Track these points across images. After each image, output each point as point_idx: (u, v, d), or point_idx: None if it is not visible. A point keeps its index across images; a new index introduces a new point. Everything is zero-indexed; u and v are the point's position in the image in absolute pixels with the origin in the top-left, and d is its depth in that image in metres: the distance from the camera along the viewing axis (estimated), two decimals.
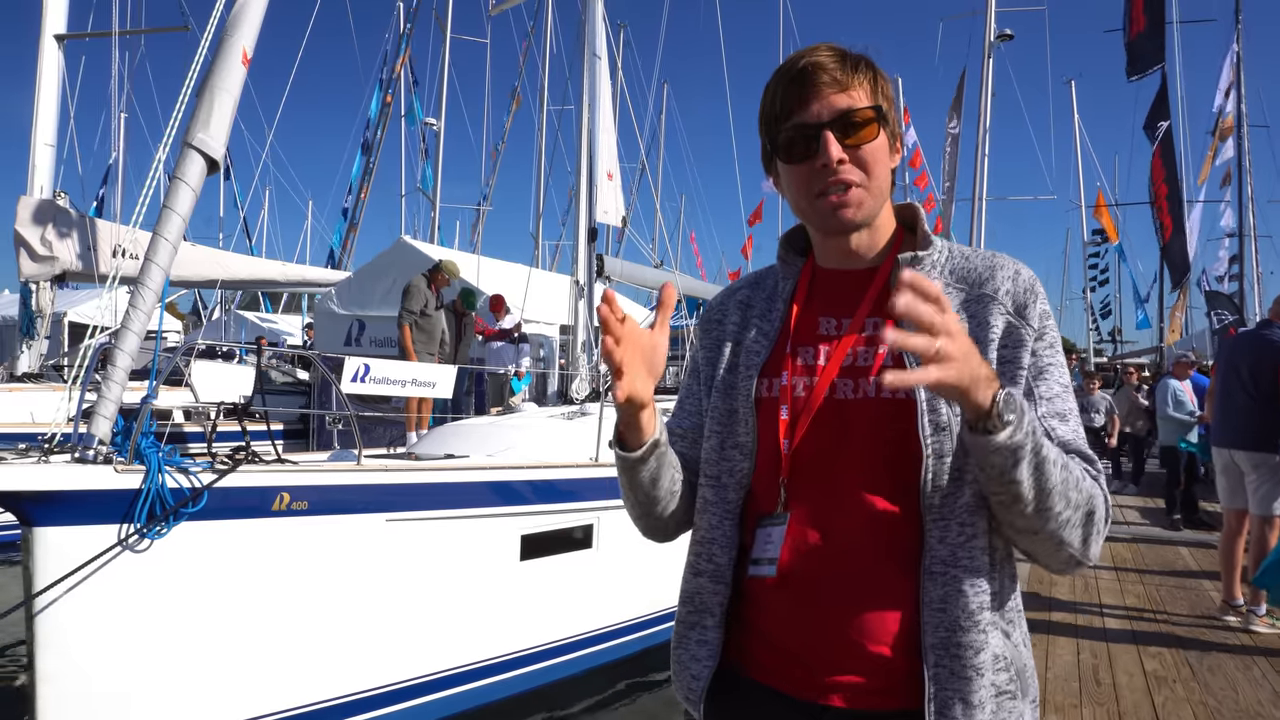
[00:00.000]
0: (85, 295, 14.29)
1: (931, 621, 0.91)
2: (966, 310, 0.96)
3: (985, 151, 13.65)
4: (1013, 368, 0.94)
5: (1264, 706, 3.34)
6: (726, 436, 1.03)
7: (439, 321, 6.75)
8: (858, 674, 0.93)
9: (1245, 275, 16.40)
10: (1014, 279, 0.97)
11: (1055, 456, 0.85)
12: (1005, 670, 0.92)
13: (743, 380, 1.04)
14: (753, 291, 1.11)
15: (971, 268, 0.99)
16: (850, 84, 0.95)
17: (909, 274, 0.73)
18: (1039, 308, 0.96)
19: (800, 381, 0.99)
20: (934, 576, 0.91)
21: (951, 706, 0.89)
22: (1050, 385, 0.94)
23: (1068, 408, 0.95)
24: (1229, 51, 16.29)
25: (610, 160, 7.45)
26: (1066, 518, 0.88)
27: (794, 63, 0.97)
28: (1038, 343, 0.95)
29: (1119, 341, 27.75)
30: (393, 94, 16.33)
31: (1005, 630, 0.94)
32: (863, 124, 0.95)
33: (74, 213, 8.26)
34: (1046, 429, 0.92)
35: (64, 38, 8.52)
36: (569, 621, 4.46)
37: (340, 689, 3.57)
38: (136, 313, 3.16)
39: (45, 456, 2.87)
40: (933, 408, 0.92)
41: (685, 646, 1.04)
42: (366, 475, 3.61)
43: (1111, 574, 5.77)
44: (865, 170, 0.96)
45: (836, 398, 0.96)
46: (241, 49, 3.59)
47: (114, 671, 2.99)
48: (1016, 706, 0.93)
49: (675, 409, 1.16)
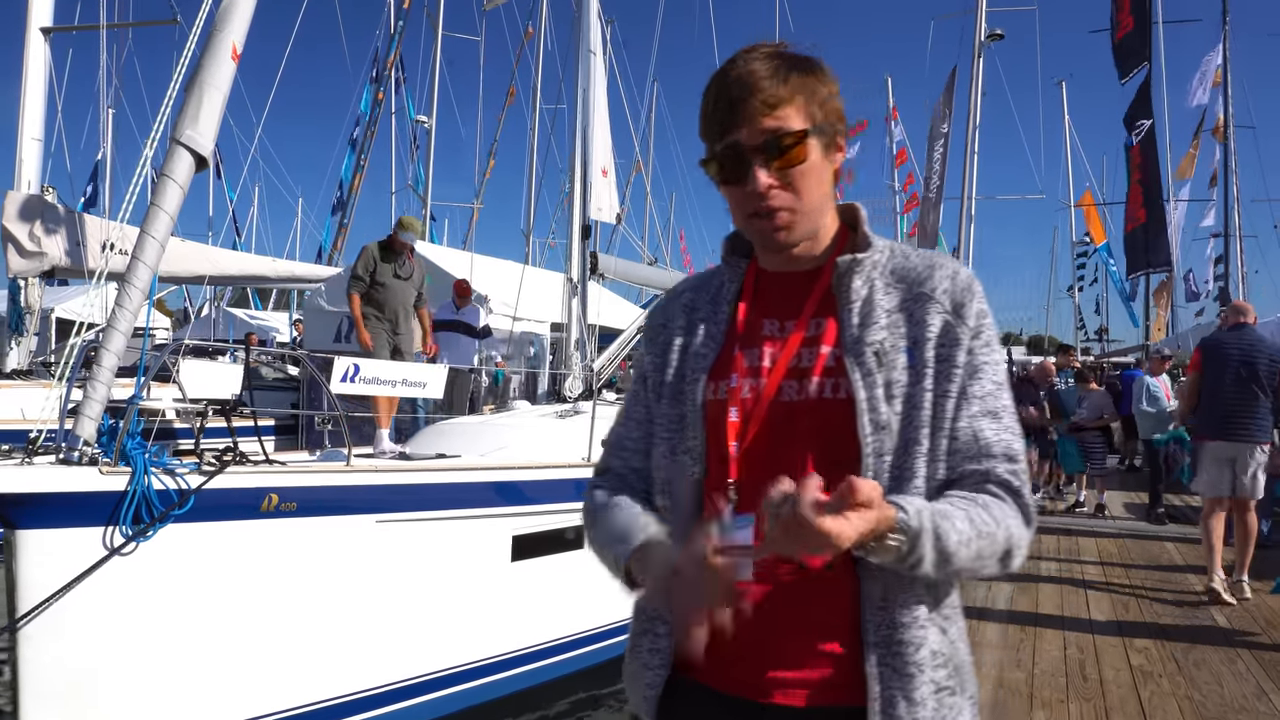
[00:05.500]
0: (73, 291, 14.16)
1: (873, 620, 0.93)
2: (905, 309, 0.98)
3: (974, 150, 13.72)
4: (948, 366, 0.95)
5: (1248, 700, 3.39)
6: (677, 442, 1.03)
7: (397, 294, 5.54)
8: (799, 671, 0.95)
9: (1230, 275, 16.58)
10: (952, 278, 0.99)
11: (963, 537, 0.87)
12: (944, 666, 0.94)
13: (689, 384, 1.03)
14: (696, 294, 1.11)
15: (911, 267, 1.00)
16: (780, 102, 0.94)
17: (805, 516, 0.75)
18: (976, 306, 0.98)
19: (747, 383, 1.00)
20: (872, 575, 0.93)
21: (896, 704, 0.91)
22: (984, 384, 0.96)
23: (1000, 405, 0.97)
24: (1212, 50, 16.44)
25: (605, 157, 7.45)
26: (979, 569, 0.92)
27: (728, 73, 0.96)
28: (974, 341, 0.97)
29: (1106, 340, 27.98)
30: (384, 91, 16.24)
31: (942, 627, 0.96)
32: (791, 147, 0.94)
33: (62, 208, 8.19)
34: (975, 429, 0.94)
35: (50, 31, 8.43)
36: (560, 623, 4.46)
37: (330, 691, 3.56)
38: (123, 311, 3.13)
39: (29, 457, 2.84)
40: (873, 408, 0.93)
41: (638, 655, 1.05)
42: (356, 476, 3.59)
43: (1098, 569, 5.83)
44: (796, 193, 0.96)
45: (783, 399, 0.97)
46: (231, 44, 3.56)
47: (99, 675, 2.97)
48: (956, 702, 0.95)
49: (623, 418, 1.14)
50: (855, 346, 0.96)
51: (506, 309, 8.64)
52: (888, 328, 0.96)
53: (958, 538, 0.87)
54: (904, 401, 0.94)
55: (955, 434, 0.95)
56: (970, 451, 0.95)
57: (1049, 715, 3.23)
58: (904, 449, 0.93)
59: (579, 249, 7.07)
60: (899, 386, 0.94)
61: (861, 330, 0.96)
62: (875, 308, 0.97)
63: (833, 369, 0.96)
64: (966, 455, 0.95)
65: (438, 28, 16.24)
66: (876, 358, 0.95)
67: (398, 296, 5.55)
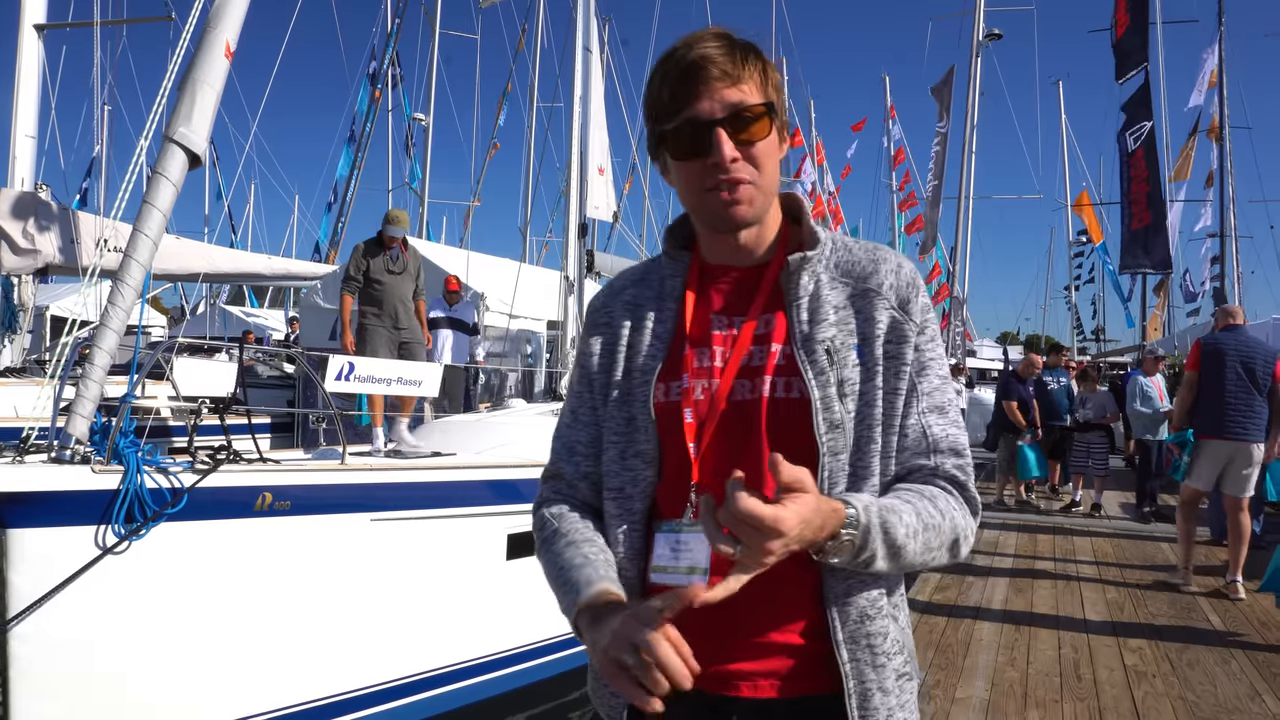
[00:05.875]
0: (67, 289, 14.11)
1: (840, 615, 0.93)
2: (853, 305, 0.97)
3: (972, 149, 13.74)
4: (897, 364, 0.96)
5: (1242, 701, 3.39)
6: (627, 446, 1.01)
7: (393, 289, 5.45)
8: (764, 663, 0.95)
9: (1226, 275, 16.62)
10: (897, 273, 0.99)
11: (910, 529, 0.88)
12: (900, 653, 0.97)
13: (639, 386, 1.01)
14: (639, 290, 1.07)
15: (855, 260, 1.00)
16: (741, 77, 0.93)
17: (739, 507, 0.74)
18: (920, 301, 0.98)
19: (699, 384, 0.98)
20: (835, 572, 0.93)
21: (871, 696, 0.93)
22: (931, 380, 0.97)
23: (946, 400, 0.98)
24: (1208, 51, 16.46)
25: (601, 155, 7.43)
26: (928, 560, 0.93)
27: (682, 53, 0.93)
28: (920, 337, 0.97)
29: (1103, 340, 28.06)
30: (381, 89, 16.21)
31: (894, 615, 0.98)
32: (754, 119, 0.93)
33: (55, 205, 8.15)
34: (924, 425, 0.96)
35: (44, 28, 8.40)
36: (555, 622, 4.43)
37: (325, 690, 3.55)
38: (116, 309, 3.12)
39: (20, 456, 2.83)
40: (826, 406, 0.93)
41: None
42: (350, 474, 3.58)
43: (1092, 568, 5.83)
44: (757, 167, 0.94)
45: (735, 399, 0.96)
46: (225, 42, 3.54)
47: (92, 676, 2.95)
48: (910, 686, 0.98)
49: (569, 420, 1.09)
50: (807, 344, 0.95)
51: (503, 307, 8.63)
52: (837, 324, 0.96)
53: (905, 530, 0.87)
54: (856, 399, 0.94)
55: (905, 430, 0.96)
56: (919, 447, 0.96)
57: (1043, 715, 3.23)
58: (858, 447, 0.94)
59: (575, 247, 7.06)
60: (851, 384, 0.94)
61: (811, 327, 0.96)
62: (823, 304, 0.97)
63: (784, 367, 0.95)
64: (915, 451, 0.96)
65: (435, 25, 16.21)
66: (829, 355, 0.94)
67: (394, 292, 5.47)
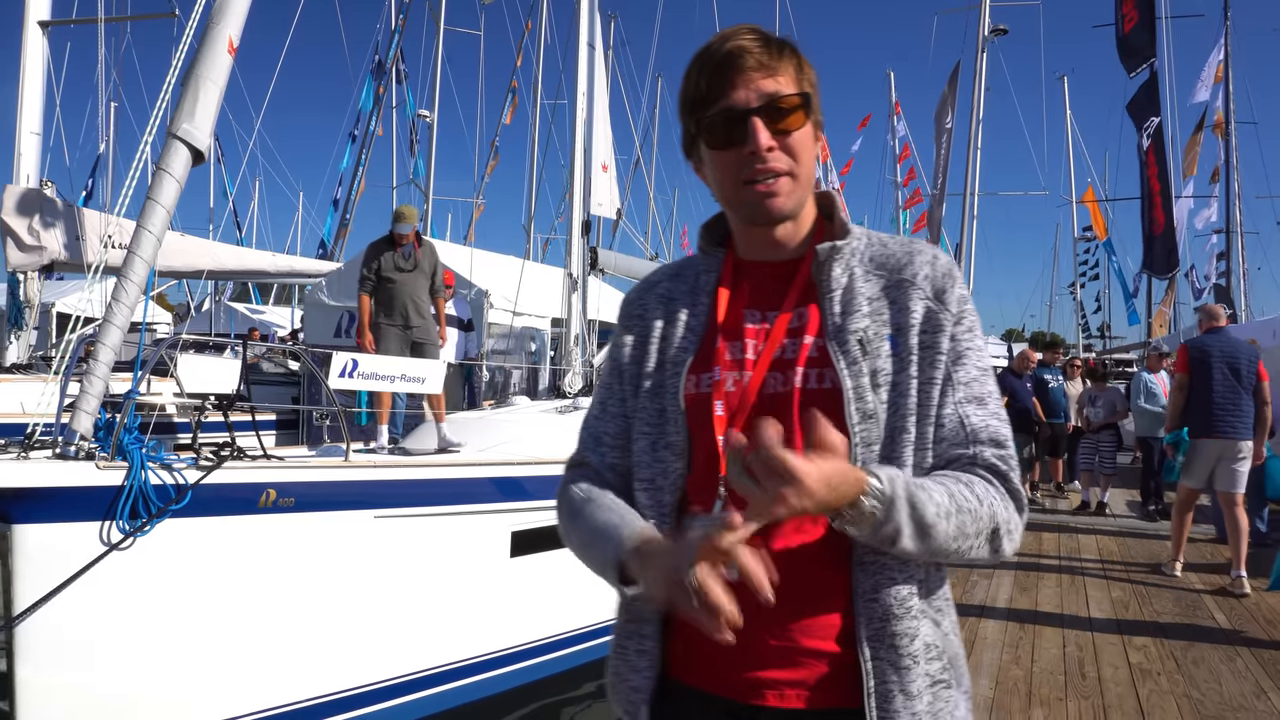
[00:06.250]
0: (72, 286, 14.16)
1: (865, 613, 0.91)
2: (887, 296, 0.97)
3: (978, 146, 13.67)
4: (932, 353, 0.94)
5: (1247, 698, 3.38)
6: (658, 437, 1.01)
7: (404, 287, 5.36)
8: (792, 671, 0.92)
9: (1232, 271, 16.54)
10: (932, 264, 0.98)
11: (941, 509, 0.85)
12: (938, 659, 0.93)
13: (670, 378, 1.01)
14: (673, 284, 1.08)
15: (890, 253, 0.99)
16: (777, 68, 0.94)
17: (764, 450, 0.75)
18: (957, 292, 0.97)
19: (730, 376, 0.97)
20: (864, 567, 0.91)
21: (892, 698, 0.89)
22: (968, 370, 0.95)
23: (986, 391, 0.96)
24: (1215, 46, 16.35)
25: (605, 152, 7.42)
26: (964, 548, 0.89)
27: (717, 46, 0.95)
28: (956, 327, 0.96)
29: (1108, 337, 27.96)
30: (385, 85, 16.20)
31: (935, 619, 0.94)
32: (790, 110, 0.93)
33: (61, 202, 8.17)
34: (961, 415, 0.93)
35: (48, 24, 8.41)
36: (560, 618, 4.45)
37: (329, 687, 3.56)
38: (120, 306, 3.12)
39: (25, 452, 2.83)
40: (859, 396, 0.92)
41: (624, 657, 1.02)
42: (354, 471, 3.58)
43: (1097, 566, 5.82)
44: (793, 158, 0.94)
45: (767, 391, 0.96)
46: (228, 38, 3.54)
47: (95, 671, 2.96)
48: (952, 696, 0.93)
49: (597, 412, 1.10)
50: (839, 335, 0.94)
51: (507, 304, 8.63)
52: (870, 315, 0.95)
53: (935, 509, 0.85)
54: (890, 390, 0.93)
55: (941, 421, 0.94)
56: (956, 438, 0.93)
57: (1047, 713, 3.22)
58: (891, 438, 0.92)
59: (579, 244, 7.05)
60: (884, 375, 0.93)
61: (844, 318, 0.95)
62: (856, 295, 0.96)
63: (816, 359, 0.95)
64: (953, 442, 0.93)
65: (439, 22, 16.18)
66: (861, 346, 0.93)
67: (405, 289, 5.36)
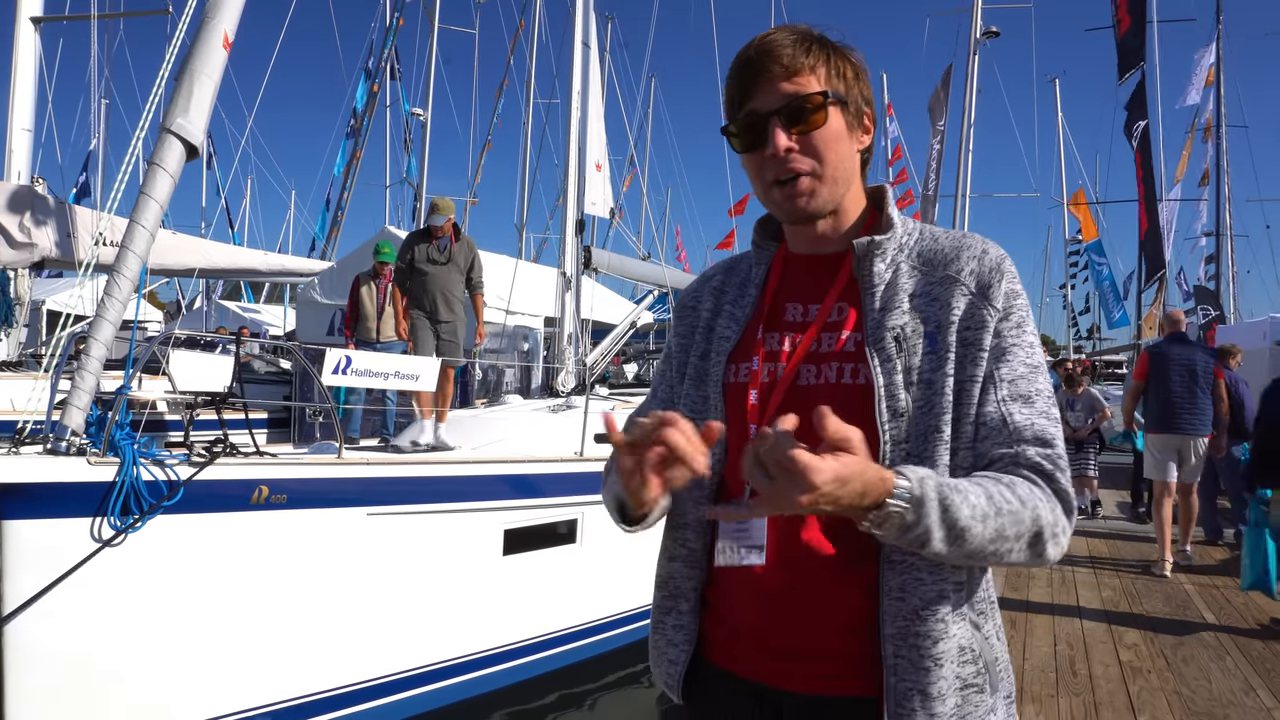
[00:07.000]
0: (64, 283, 14.07)
1: (890, 610, 0.90)
2: (930, 292, 0.95)
3: (969, 148, 13.74)
4: (974, 350, 0.92)
5: (1236, 695, 3.41)
6: (699, 423, 1.03)
7: (435, 279, 5.29)
8: (816, 660, 0.93)
9: (1222, 274, 16.67)
10: (980, 259, 0.96)
11: (977, 512, 0.82)
12: (972, 663, 0.90)
13: (713, 366, 1.04)
14: (727, 277, 1.12)
15: (939, 249, 0.98)
16: (800, 69, 0.94)
17: (777, 447, 0.74)
18: (1005, 287, 0.94)
19: (766, 367, 1.00)
20: (893, 565, 0.90)
21: (910, 698, 0.88)
22: (1014, 367, 0.92)
23: (1034, 389, 0.92)
24: (1202, 51, 16.48)
25: (599, 151, 7.42)
26: (1002, 551, 0.85)
27: (746, 50, 0.97)
28: (1002, 323, 0.93)
29: (1097, 339, 28.10)
30: (379, 84, 16.15)
31: (975, 622, 0.92)
32: (811, 110, 0.94)
33: (52, 199, 8.11)
34: (1004, 413, 0.90)
35: (40, 21, 8.35)
36: (552, 617, 4.45)
37: (321, 684, 3.54)
38: (112, 301, 3.10)
39: (15, 448, 2.82)
40: (891, 394, 0.91)
41: (662, 632, 1.05)
42: (347, 468, 3.57)
43: (1088, 566, 5.86)
44: (817, 158, 0.95)
45: (800, 383, 0.97)
46: (223, 33, 3.52)
47: (88, 669, 2.95)
48: (985, 700, 0.91)
49: (648, 398, 1.16)
50: (875, 331, 0.94)
51: (500, 303, 8.63)
52: (910, 312, 0.94)
53: (970, 511, 0.81)
54: (923, 387, 0.91)
55: (983, 419, 0.90)
56: (999, 436, 0.89)
57: (1039, 710, 3.24)
58: (923, 436, 0.90)
59: (572, 243, 7.05)
60: (918, 372, 0.91)
61: (883, 315, 0.95)
62: (898, 292, 0.96)
63: (851, 354, 0.95)
64: (995, 440, 0.90)
65: (434, 20, 16.14)
66: (896, 343, 0.93)
67: (435, 282, 5.27)
